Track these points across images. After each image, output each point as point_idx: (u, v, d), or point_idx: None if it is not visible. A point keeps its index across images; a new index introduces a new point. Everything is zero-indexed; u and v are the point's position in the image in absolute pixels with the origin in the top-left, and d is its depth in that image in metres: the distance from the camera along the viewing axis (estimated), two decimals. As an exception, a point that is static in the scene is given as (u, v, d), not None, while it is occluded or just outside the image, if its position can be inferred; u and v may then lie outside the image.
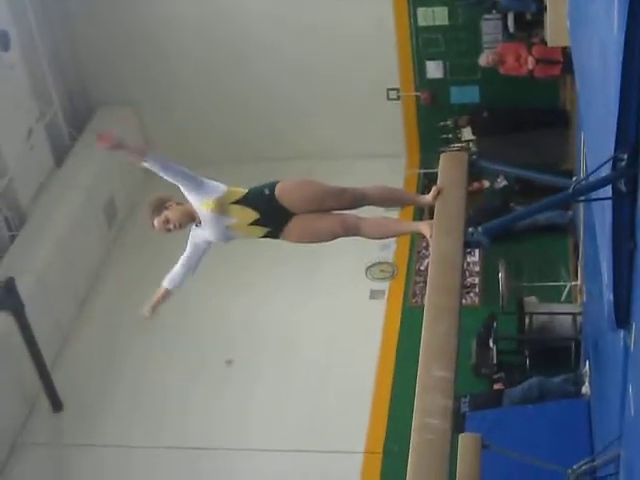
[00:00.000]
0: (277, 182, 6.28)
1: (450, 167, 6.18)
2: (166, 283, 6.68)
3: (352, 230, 6.21)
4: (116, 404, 12.78)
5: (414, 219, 12.93)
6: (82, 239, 14.45)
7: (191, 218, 6.23)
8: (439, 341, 4.71)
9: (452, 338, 4.70)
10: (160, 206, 6.22)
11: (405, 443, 4.53)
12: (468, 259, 13.89)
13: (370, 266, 14.27)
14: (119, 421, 12.52)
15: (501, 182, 14.72)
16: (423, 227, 6.08)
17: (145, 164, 6.06)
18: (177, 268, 6.54)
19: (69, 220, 14.21)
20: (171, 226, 6.24)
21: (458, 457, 6.64)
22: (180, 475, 11.78)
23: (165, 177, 6.14)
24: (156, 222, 6.25)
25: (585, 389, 10.83)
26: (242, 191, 6.26)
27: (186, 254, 6.46)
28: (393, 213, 11.46)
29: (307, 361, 12.90)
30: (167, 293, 6.78)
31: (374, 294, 13.85)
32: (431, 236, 5.85)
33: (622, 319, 6.08)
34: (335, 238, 6.28)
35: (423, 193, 6.52)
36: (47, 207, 14.30)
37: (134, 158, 6.13)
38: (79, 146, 15.72)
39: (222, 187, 6.25)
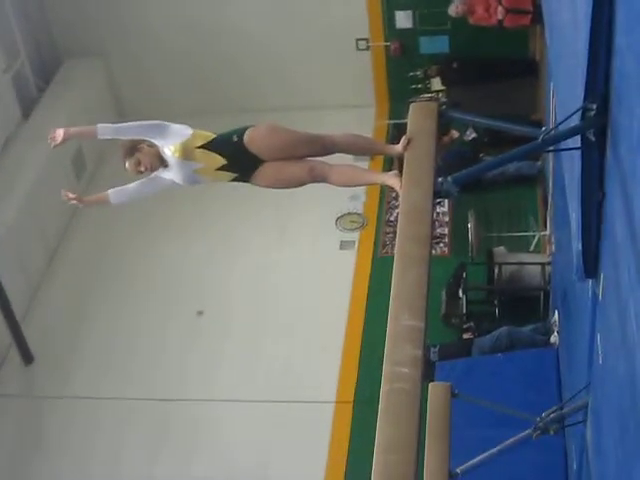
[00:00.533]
0: (246, 128, 6.26)
1: (420, 117, 6.16)
2: (112, 193, 6.50)
3: (319, 177, 6.23)
4: (86, 356, 12.79)
5: (384, 169, 12.94)
6: (51, 191, 14.33)
7: (162, 160, 6.23)
8: (409, 290, 4.72)
9: (422, 287, 4.71)
10: (132, 148, 6.22)
11: (376, 392, 4.55)
12: (438, 209, 13.94)
13: (340, 217, 14.27)
14: (89, 373, 12.53)
15: (470, 134, 14.69)
16: (392, 179, 6.09)
17: (100, 137, 6.18)
18: (130, 186, 6.45)
19: (37, 172, 14.09)
20: (142, 168, 6.24)
21: (428, 405, 6.71)
22: (150, 426, 11.81)
23: (127, 138, 6.22)
24: (128, 164, 6.25)
25: (554, 338, 10.94)
26: (209, 135, 6.25)
27: (146, 179, 6.42)
28: (363, 163, 11.49)
29: (277, 312, 12.94)
30: (105, 201, 6.56)
31: (344, 245, 13.88)
32: (400, 188, 5.86)
33: (590, 269, 6.13)
34: (303, 184, 6.32)
35: (393, 143, 6.51)
36: (15, 160, 14.17)
37: (87, 138, 6.25)
38: (47, 98, 15.57)
39: (188, 131, 6.25)
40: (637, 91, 4.33)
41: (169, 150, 6.18)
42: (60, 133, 6.10)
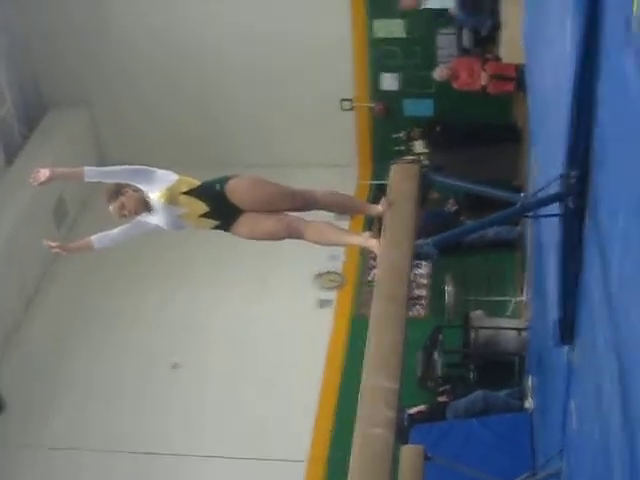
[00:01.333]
0: (229, 178, 6.31)
1: (401, 178, 6.20)
2: (95, 239, 6.47)
3: (295, 233, 6.26)
4: (63, 405, 12.67)
5: (364, 228, 12.99)
6: (30, 239, 14.30)
7: (146, 205, 6.24)
8: (384, 350, 4.72)
9: (398, 347, 4.71)
10: (117, 192, 6.22)
11: (349, 452, 4.54)
12: (416, 271, 13.94)
13: (318, 275, 14.29)
14: (66, 422, 12.41)
15: (452, 207, 14.71)
16: (369, 241, 6.10)
17: (87, 180, 6.18)
18: (114, 231, 6.43)
19: (18, 218, 14.07)
20: (126, 212, 6.24)
21: (399, 469, 6.68)
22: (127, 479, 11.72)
23: (112, 181, 6.23)
24: (112, 207, 6.25)
25: (528, 403, 10.92)
26: (194, 182, 6.30)
27: (130, 224, 6.41)
28: (344, 222, 11.50)
29: (254, 367, 12.88)
30: (89, 247, 6.55)
31: (322, 303, 13.88)
32: (378, 249, 5.86)
33: (567, 336, 6.15)
34: (280, 239, 6.33)
35: (374, 203, 6.54)
36: (-5, 206, 14.15)
37: (72, 179, 6.50)
38: (30, 145, 15.58)
39: (173, 176, 6.29)
40: (618, 157, 4.39)
41: (154, 195, 6.19)
42: (45, 172, 6.11)
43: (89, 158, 15.99)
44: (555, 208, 5.76)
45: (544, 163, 7.07)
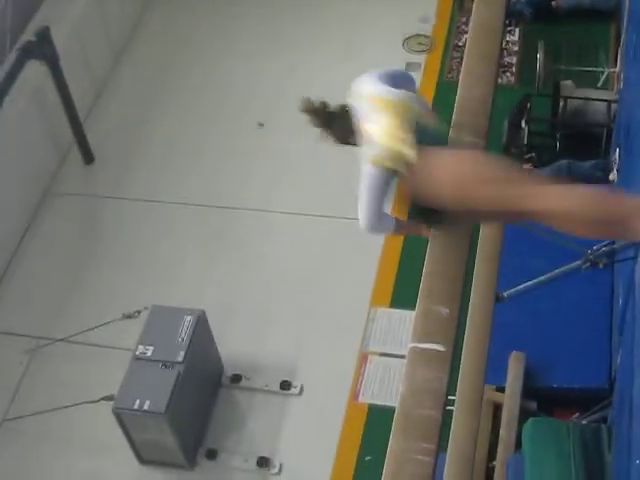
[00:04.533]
0: None
1: None
2: None
3: None
4: (148, 160, 12.90)
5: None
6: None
7: None
8: (473, 104, 4.69)
9: (487, 101, 4.67)
10: None
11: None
12: (507, 38, 13.65)
13: (407, 38, 14.07)
14: (150, 176, 12.67)
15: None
16: None
17: None
18: None
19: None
20: None
21: (480, 229, 6.76)
22: (205, 231, 12.01)
23: None
24: None
25: (613, 176, 10.87)
26: None
27: None
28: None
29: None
30: None
31: (410, 66, 13.69)
32: None
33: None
34: None
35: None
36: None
37: None
38: None
39: None
40: None
41: None
42: None
43: None
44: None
45: None
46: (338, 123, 4.94)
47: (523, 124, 12.13)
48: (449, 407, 4.72)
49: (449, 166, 4.25)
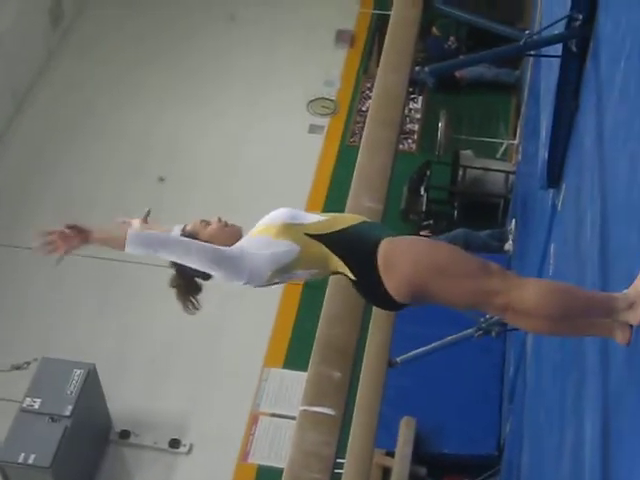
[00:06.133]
0: None
1: (404, 5, 6.10)
2: (131, 238, 4.06)
3: None
4: (41, 208, 12.44)
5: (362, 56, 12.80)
6: (25, 38, 14.12)
7: None
8: (372, 172, 4.72)
9: (386, 170, 4.71)
10: None
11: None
12: (410, 105, 13.87)
13: (312, 100, 14.17)
14: (43, 225, 12.35)
15: (453, 45, 14.45)
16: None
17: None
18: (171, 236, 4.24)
19: (12, 18, 13.81)
20: None
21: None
22: (101, 281, 11.84)
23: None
24: None
25: (508, 246, 11.05)
26: None
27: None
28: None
29: (240, 187, 12.82)
30: (120, 244, 4.06)
31: (313, 128, 13.82)
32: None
33: (554, 178, 6.19)
34: None
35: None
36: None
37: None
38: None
39: None
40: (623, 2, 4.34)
41: None
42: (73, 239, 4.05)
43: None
44: (557, 50, 5.72)
45: (550, 4, 6.99)
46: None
47: (422, 191, 12.29)
48: (338, 470, 4.72)
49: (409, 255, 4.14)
